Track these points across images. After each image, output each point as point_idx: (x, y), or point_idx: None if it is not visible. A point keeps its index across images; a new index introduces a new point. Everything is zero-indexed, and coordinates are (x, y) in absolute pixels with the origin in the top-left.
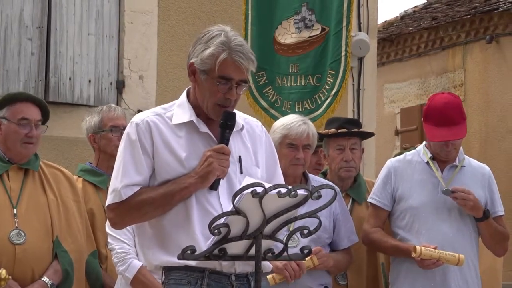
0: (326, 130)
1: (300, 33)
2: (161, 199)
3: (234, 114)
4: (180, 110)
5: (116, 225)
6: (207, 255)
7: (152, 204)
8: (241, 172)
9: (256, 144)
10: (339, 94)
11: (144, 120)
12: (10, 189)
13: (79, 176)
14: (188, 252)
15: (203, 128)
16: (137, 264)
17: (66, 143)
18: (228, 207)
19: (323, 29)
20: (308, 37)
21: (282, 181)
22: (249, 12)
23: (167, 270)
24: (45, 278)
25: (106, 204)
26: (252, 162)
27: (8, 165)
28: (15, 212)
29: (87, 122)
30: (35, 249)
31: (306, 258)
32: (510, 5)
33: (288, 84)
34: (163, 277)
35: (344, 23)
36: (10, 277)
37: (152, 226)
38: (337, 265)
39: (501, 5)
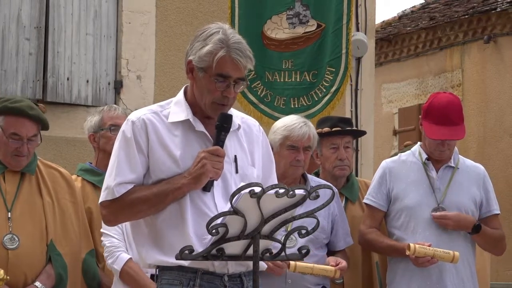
0: (320, 129)
1: (294, 29)
2: (154, 198)
3: (231, 116)
4: (176, 108)
5: (109, 223)
6: (205, 255)
7: (145, 202)
8: (237, 172)
9: (253, 144)
10: (340, 91)
11: (140, 118)
12: (5, 192)
13: (78, 176)
14: (186, 252)
15: (199, 127)
16: (125, 257)
17: (64, 143)
18: (222, 207)
19: (319, 25)
20: (303, 33)
21: (276, 182)
22: (236, 5)
23: (161, 269)
24: (37, 283)
25: (99, 201)
26: (248, 162)
27: (4, 168)
28: (9, 215)
29: (88, 121)
30: (28, 253)
31: (333, 269)
32: (508, 5)
33: (282, 80)
34: (157, 276)
35: (344, 21)
36: (8, 277)
37: (147, 225)
38: None
39: (499, 5)
